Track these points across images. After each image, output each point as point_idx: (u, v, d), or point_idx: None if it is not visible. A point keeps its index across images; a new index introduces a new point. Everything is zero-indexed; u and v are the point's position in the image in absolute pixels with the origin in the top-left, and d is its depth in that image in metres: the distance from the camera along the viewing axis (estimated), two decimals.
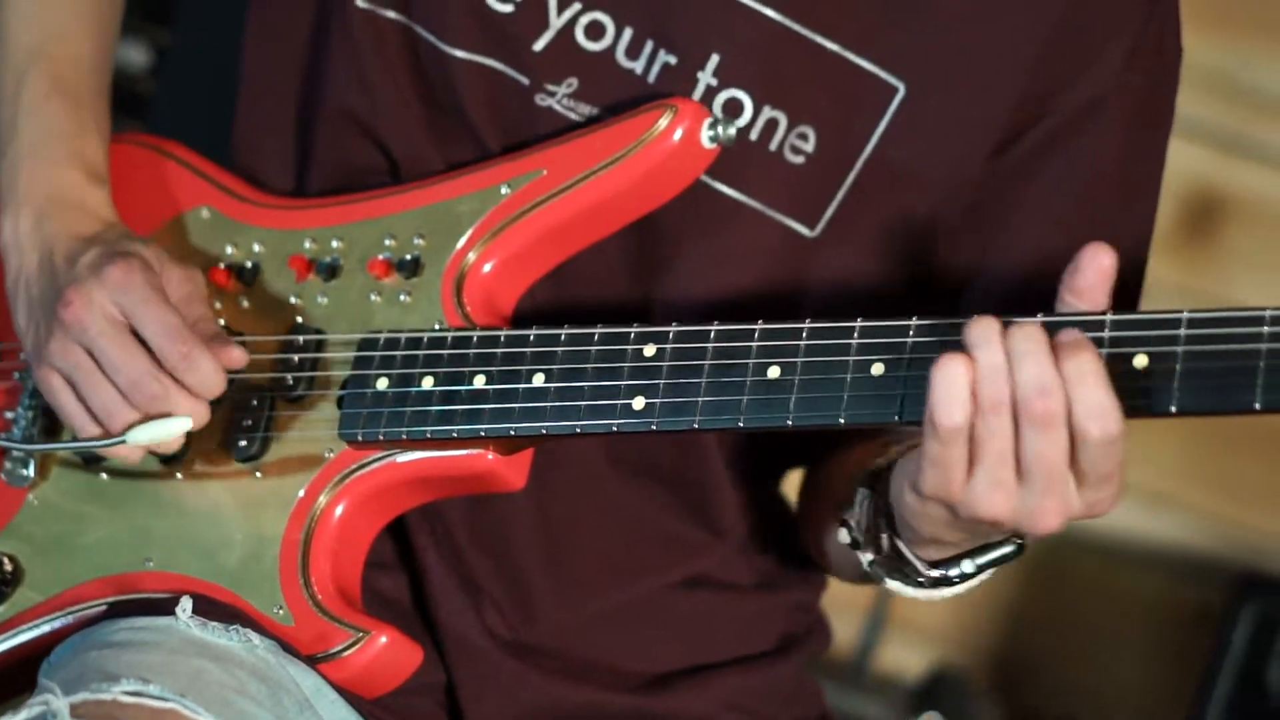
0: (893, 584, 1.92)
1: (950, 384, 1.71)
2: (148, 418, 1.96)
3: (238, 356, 1.97)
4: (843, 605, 2.06)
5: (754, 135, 1.99)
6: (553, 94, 2.02)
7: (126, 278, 1.96)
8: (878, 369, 1.80)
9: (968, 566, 1.87)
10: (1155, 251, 3.75)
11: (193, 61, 3.04)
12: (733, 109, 1.99)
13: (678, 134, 1.95)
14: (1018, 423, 1.71)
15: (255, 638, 1.93)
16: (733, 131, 1.96)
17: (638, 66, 2.00)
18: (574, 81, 2.01)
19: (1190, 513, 3.77)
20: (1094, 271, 1.75)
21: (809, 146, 2.00)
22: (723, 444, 2.09)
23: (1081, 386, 1.70)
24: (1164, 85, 2.04)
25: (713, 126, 1.96)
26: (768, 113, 1.99)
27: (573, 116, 2.02)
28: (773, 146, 2.00)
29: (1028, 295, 1.95)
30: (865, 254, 2.02)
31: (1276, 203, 3.77)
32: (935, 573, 1.88)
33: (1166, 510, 3.78)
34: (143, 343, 1.96)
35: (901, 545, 1.88)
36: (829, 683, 3.36)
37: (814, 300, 2.02)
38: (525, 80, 2.02)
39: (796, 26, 1.98)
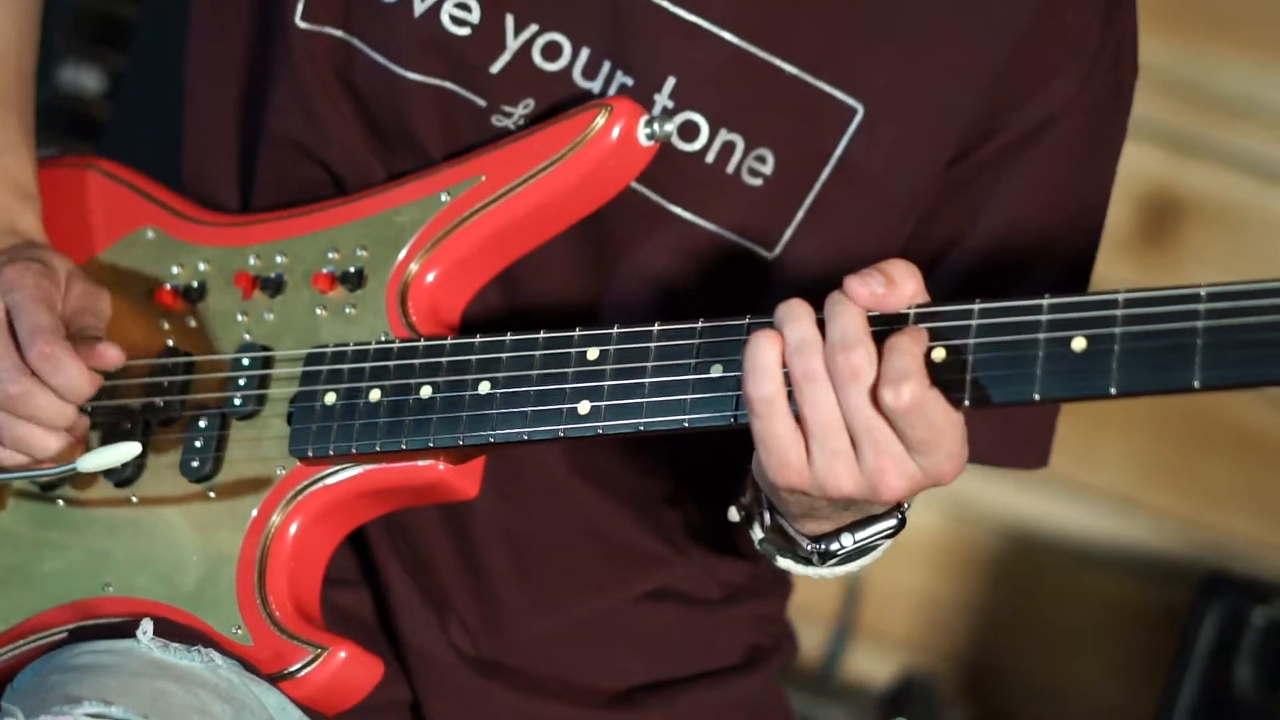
0: (784, 562, 1.92)
1: (754, 357, 1.73)
2: (101, 443, 1.96)
3: (112, 356, 1.96)
4: (810, 613, 2.06)
5: (710, 158, 1.99)
6: (509, 115, 2.02)
7: (19, 277, 1.96)
8: None
9: (846, 541, 1.87)
10: (1112, 253, 3.77)
11: (147, 86, 3.05)
12: (689, 132, 2.00)
13: (615, 132, 1.95)
14: (836, 389, 1.72)
15: (218, 658, 1.93)
16: (670, 128, 1.96)
17: (595, 87, 2.00)
18: (530, 102, 2.01)
19: (1156, 515, 3.78)
20: (865, 303, 1.76)
21: (767, 169, 2.00)
22: (682, 457, 2.09)
23: (886, 357, 1.71)
24: (1117, 106, 2.06)
25: (649, 124, 1.96)
26: (724, 135, 1.99)
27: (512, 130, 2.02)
28: (730, 169, 2.00)
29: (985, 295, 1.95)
30: (823, 272, 2.01)
31: (1233, 204, 3.78)
32: (817, 546, 1.88)
33: (1133, 513, 3.78)
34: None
35: (782, 521, 1.89)
36: (797, 691, 3.37)
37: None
38: (481, 102, 2.02)
39: (754, 49, 1.98)
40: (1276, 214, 3.77)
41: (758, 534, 1.93)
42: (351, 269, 2.02)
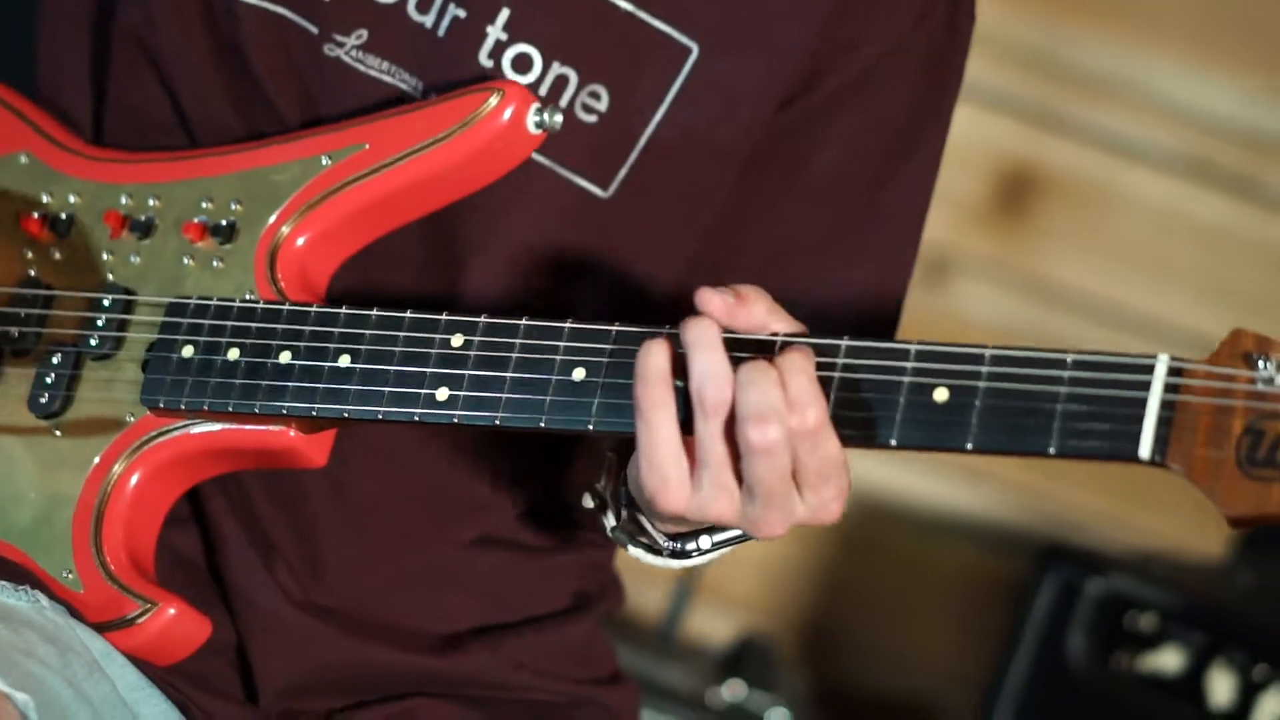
0: (635, 550, 1.93)
1: (645, 362, 1.74)
2: None
3: None
4: (652, 572, 2.06)
5: (544, 91, 1.99)
6: (341, 45, 2.00)
7: None
8: None
9: (704, 543, 1.89)
10: (967, 225, 3.80)
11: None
12: (521, 64, 1.99)
13: (505, 116, 1.94)
14: (735, 435, 1.73)
15: (44, 599, 1.92)
16: (558, 119, 1.95)
17: (428, 20, 1.99)
18: (363, 33, 2.00)
19: (1001, 485, 3.81)
20: (717, 312, 1.77)
21: (601, 106, 2.00)
22: None
23: (789, 380, 1.72)
24: (953, 49, 2.07)
25: (539, 112, 1.95)
26: (557, 69, 1.99)
27: (360, 69, 2.00)
28: (563, 104, 1.99)
29: (810, 248, 2.02)
30: (658, 214, 2.03)
31: (1090, 178, 3.80)
32: (673, 545, 1.89)
33: (979, 482, 3.82)
34: None
35: (641, 519, 1.90)
36: (635, 649, 3.39)
37: (608, 261, 2.03)
38: (314, 29, 2.01)
39: None
40: (1131, 191, 3.80)
41: (610, 522, 1.94)
42: (224, 221, 1.99)
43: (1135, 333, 3.80)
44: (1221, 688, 3.23)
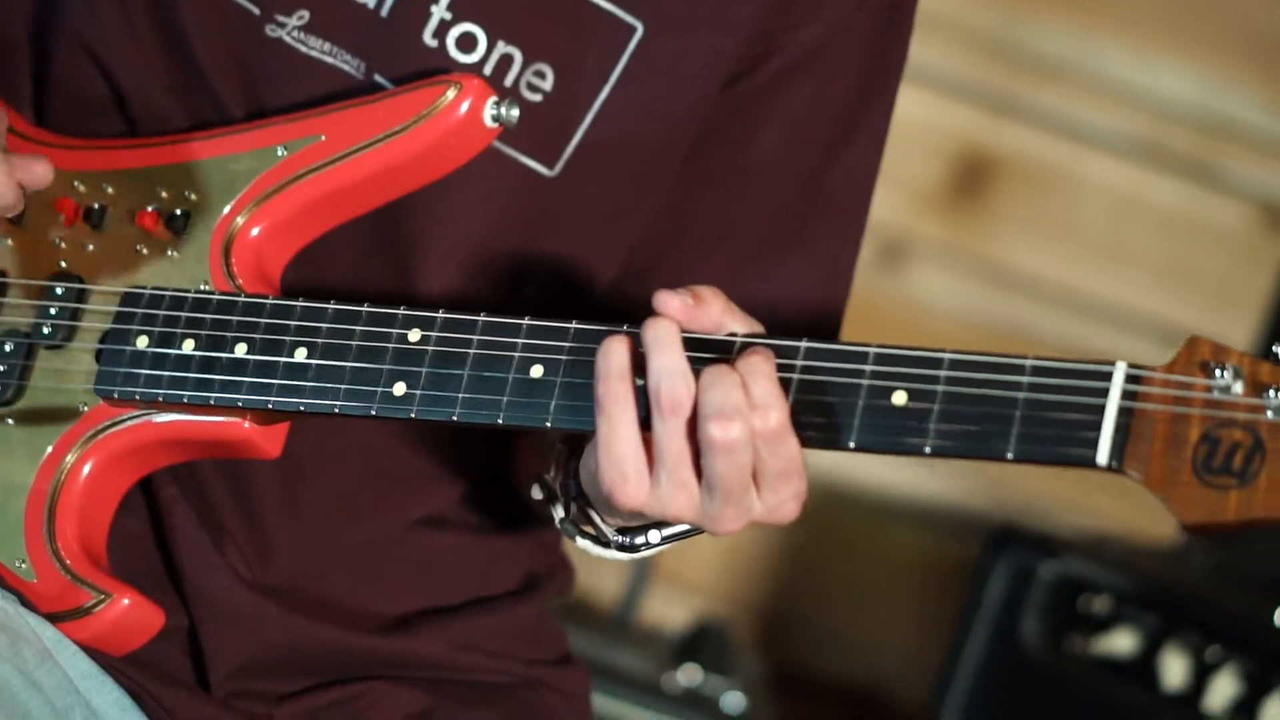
0: (582, 542, 1.94)
1: (606, 360, 1.75)
2: None
3: (40, 171, 1.91)
4: (609, 556, 2.06)
5: (488, 70, 1.99)
6: (283, 25, 2.00)
7: None
8: None
9: (654, 537, 1.90)
10: (922, 208, 3.81)
11: None
12: (466, 44, 1.99)
13: (462, 110, 1.93)
14: (696, 432, 1.73)
15: None
16: (515, 113, 1.94)
17: (370, 1, 1.99)
18: (305, 14, 1.99)
19: (956, 470, 3.82)
20: (675, 313, 1.78)
21: (546, 85, 2.00)
22: None
23: (750, 382, 1.73)
24: (896, 28, 2.07)
25: (496, 106, 1.94)
26: (503, 48, 1.99)
27: (302, 50, 2.00)
28: (508, 82, 1.99)
29: (756, 229, 2.02)
30: (605, 193, 2.03)
31: (1044, 164, 3.81)
32: (622, 539, 1.90)
33: (934, 467, 3.83)
34: None
35: (590, 511, 1.90)
36: (593, 634, 3.39)
37: (556, 240, 2.03)
38: (255, 10, 2.00)
39: None
40: (1086, 176, 3.81)
41: (559, 514, 1.94)
42: (178, 211, 1.98)
43: (1092, 317, 3.82)
44: (1175, 669, 3.25)
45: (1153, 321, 3.82)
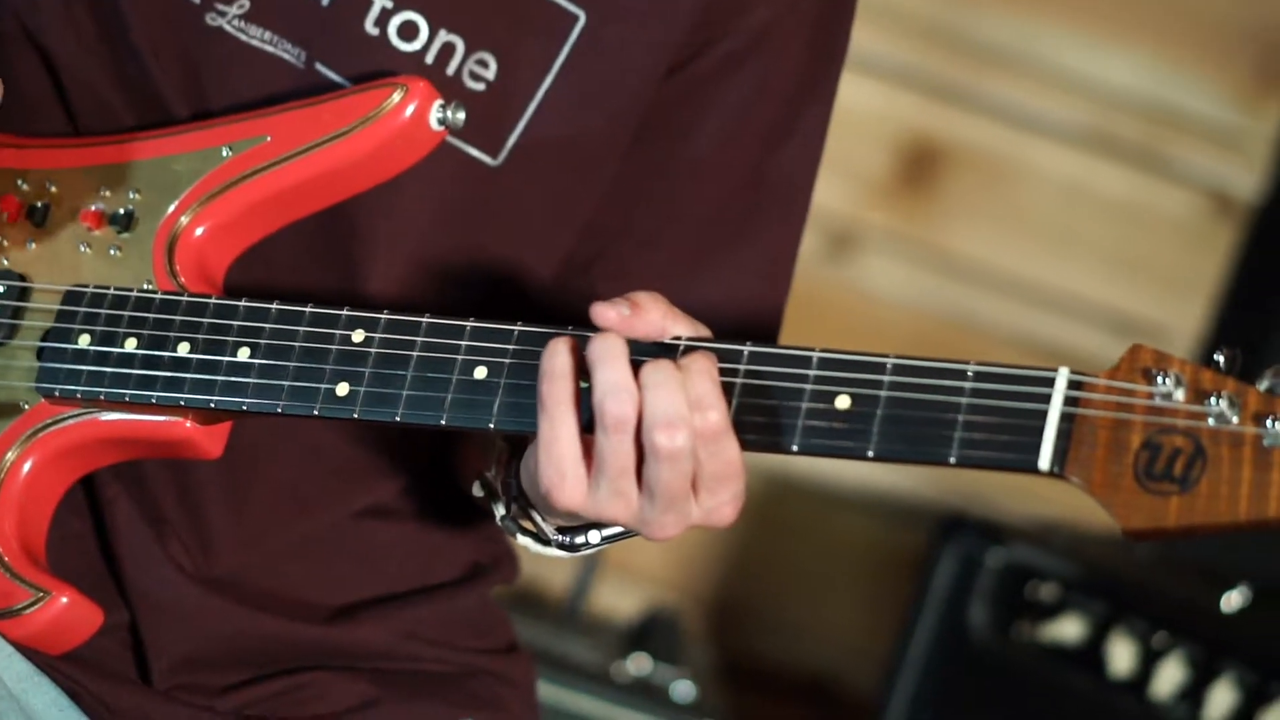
0: (523, 540, 1.94)
1: (551, 360, 1.76)
2: None
3: None
4: None
5: (430, 59, 1.99)
6: (223, 14, 1.99)
7: None
8: None
9: (594, 537, 1.90)
10: (870, 199, 3.81)
11: None
12: (408, 32, 1.99)
13: (408, 113, 1.93)
14: (640, 445, 1.74)
15: None
16: (462, 115, 1.94)
17: None
18: (245, 2, 1.99)
19: None
20: (613, 325, 1.78)
21: (489, 74, 2.00)
22: None
23: (690, 381, 1.73)
24: (839, 13, 2.07)
25: (442, 109, 1.94)
26: (444, 36, 1.99)
27: (242, 39, 1.99)
28: (450, 71, 2.00)
29: (699, 218, 2.03)
30: (549, 182, 2.03)
31: (992, 152, 3.82)
32: (562, 539, 1.91)
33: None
34: None
35: (531, 512, 1.91)
36: (543, 624, 3.39)
37: (498, 232, 2.03)
38: None
39: None
40: (1033, 164, 3.82)
41: (500, 511, 1.95)
42: (122, 210, 1.97)
43: (1041, 305, 3.83)
44: (1122, 656, 3.26)
45: (1102, 309, 3.83)
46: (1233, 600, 3.31)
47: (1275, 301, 3.71)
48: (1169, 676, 3.23)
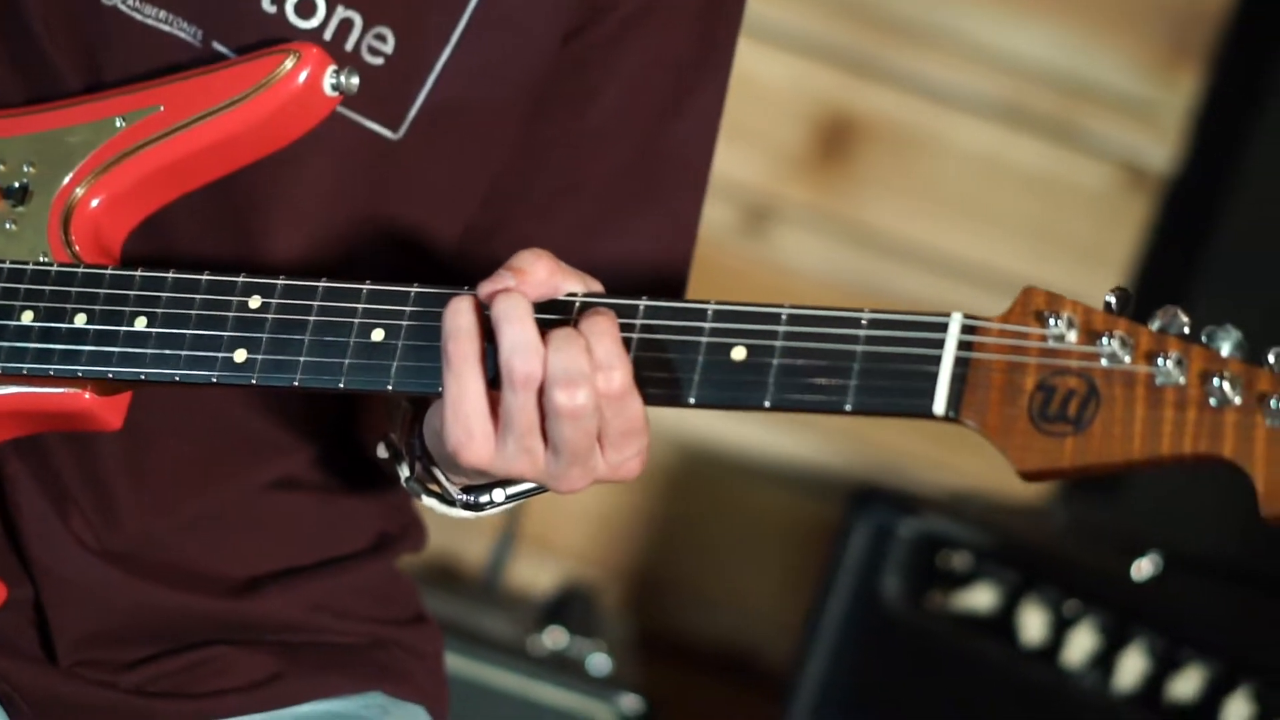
0: (428, 500, 1.95)
1: (453, 319, 1.77)
2: None
3: None
4: (475, 522, 2.06)
5: (328, 35, 1.99)
6: None
7: None
8: None
9: (498, 496, 1.91)
10: (786, 172, 3.82)
11: None
12: (305, 9, 1.99)
13: (301, 78, 1.93)
14: (544, 402, 1.75)
15: None
16: (355, 81, 1.95)
17: None
18: None
19: (819, 429, 3.85)
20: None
21: (387, 48, 2.00)
22: None
23: (593, 342, 1.74)
24: None
25: (335, 75, 1.94)
26: (341, 12, 1.99)
27: (138, 18, 1.99)
28: (349, 47, 2.00)
29: (598, 186, 2.03)
30: (450, 154, 2.03)
31: (907, 125, 3.83)
32: (467, 498, 1.92)
33: (797, 427, 3.85)
34: None
35: (435, 470, 1.91)
36: (459, 599, 3.39)
37: (400, 205, 2.03)
38: None
39: None
40: (948, 137, 3.83)
41: (405, 473, 1.95)
42: (16, 184, 1.97)
43: (958, 278, 3.84)
44: (1033, 624, 3.29)
45: (1018, 281, 3.82)
46: (1143, 568, 3.34)
47: (1187, 273, 3.74)
48: (1080, 644, 3.25)
